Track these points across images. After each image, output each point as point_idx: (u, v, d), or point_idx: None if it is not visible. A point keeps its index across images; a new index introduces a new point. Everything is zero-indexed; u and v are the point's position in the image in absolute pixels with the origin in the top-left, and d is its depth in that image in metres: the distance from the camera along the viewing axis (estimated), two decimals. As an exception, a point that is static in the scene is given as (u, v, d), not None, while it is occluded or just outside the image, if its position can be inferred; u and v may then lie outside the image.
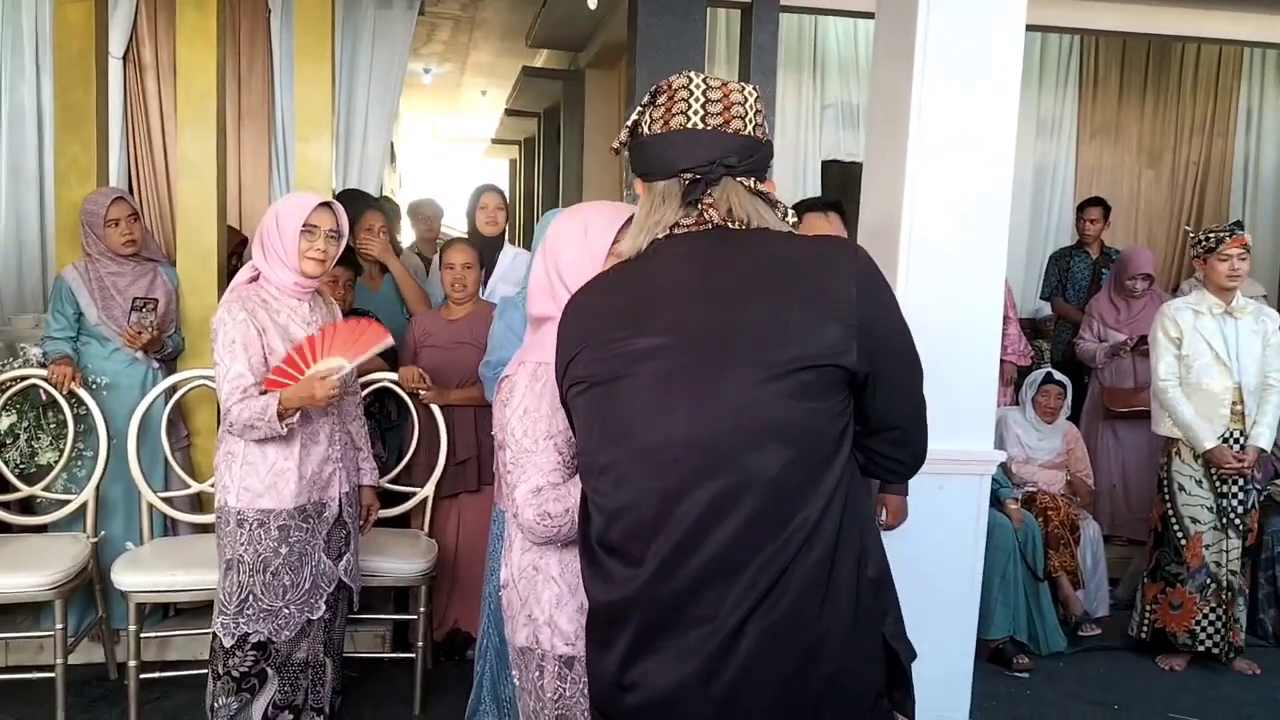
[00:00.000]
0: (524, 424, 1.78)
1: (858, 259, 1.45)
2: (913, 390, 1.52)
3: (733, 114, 1.50)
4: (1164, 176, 7.28)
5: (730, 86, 1.53)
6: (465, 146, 15.93)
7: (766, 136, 1.55)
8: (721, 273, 1.45)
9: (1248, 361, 3.98)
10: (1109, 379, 5.24)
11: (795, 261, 1.44)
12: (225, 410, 2.68)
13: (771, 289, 1.41)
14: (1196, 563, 3.98)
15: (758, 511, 1.36)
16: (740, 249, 1.47)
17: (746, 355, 1.38)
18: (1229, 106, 7.21)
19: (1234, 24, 6.30)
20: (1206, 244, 4.02)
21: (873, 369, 1.41)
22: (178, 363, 3.96)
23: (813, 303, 1.39)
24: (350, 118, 5.16)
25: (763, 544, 1.36)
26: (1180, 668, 4.08)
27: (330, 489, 2.88)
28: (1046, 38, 6.88)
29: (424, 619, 3.48)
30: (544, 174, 10.60)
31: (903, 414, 1.50)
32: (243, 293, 2.76)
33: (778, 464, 1.36)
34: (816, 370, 1.37)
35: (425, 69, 9.93)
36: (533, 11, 7.61)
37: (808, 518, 1.36)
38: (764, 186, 1.53)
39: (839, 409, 1.41)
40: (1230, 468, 3.92)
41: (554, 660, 1.84)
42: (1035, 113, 6.99)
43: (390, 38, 5.23)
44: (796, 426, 1.37)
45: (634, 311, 1.47)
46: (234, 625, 2.77)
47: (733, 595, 1.36)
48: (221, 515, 2.79)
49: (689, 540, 1.38)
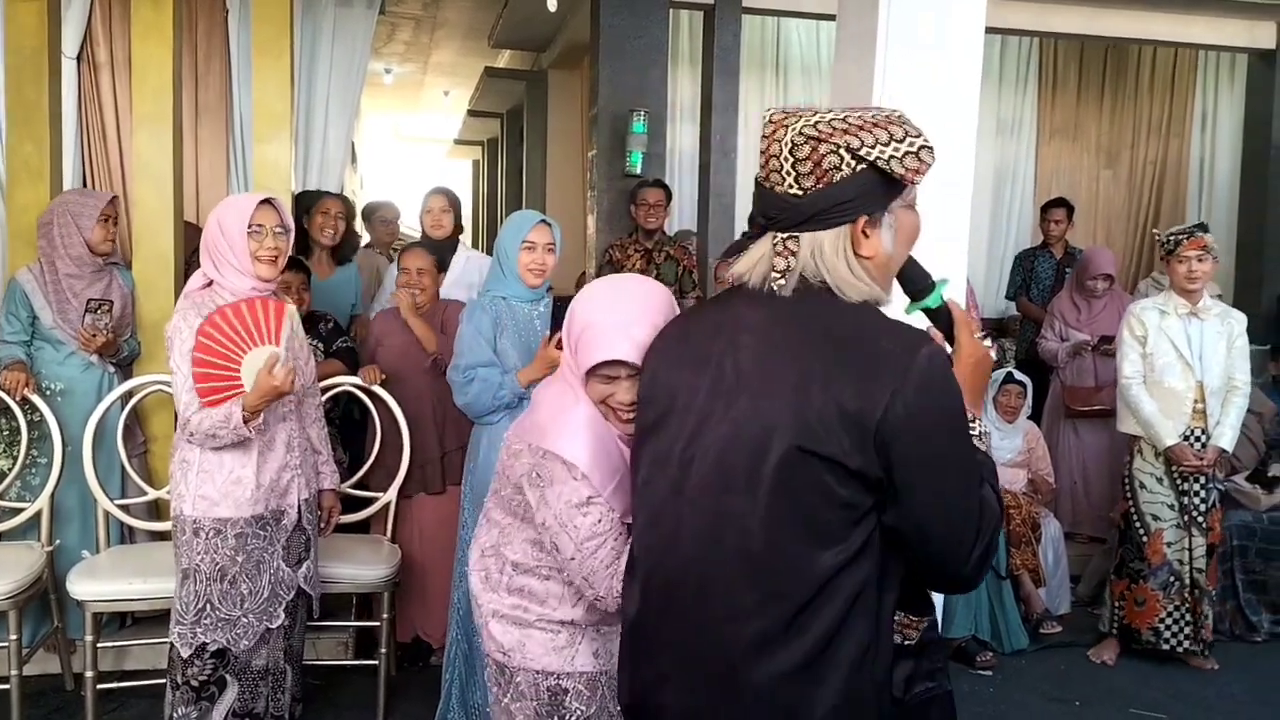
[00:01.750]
0: (588, 511, 1.72)
1: (915, 358, 1.35)
2: (933, 512, 1.38)
3: (770, 167, 1.46)
4: (1122, 176, 7.38)
5: (775, 135, 1.45)
6: (428, 147, 15.83)
7: (821, 185, 1.42)
8: (776, 339, 1.44)
9: (1211, 362, 4.03)
10: (1070, 378, 5.30)
11: (849, 347, 1.38)
12: (184, 420, 2.63)
13: (810, 372, 1.37)
14: (1158, 560, 4.03)
15: (737, 578, 1.40)
16: (803, 320, 1.43)
17: (762, 427, 1.38)
18: (1184, 108, 7.32)
19: (1184, 26, 6.42)
20: (1166, 246, 4.07)
21: (889, 478, 1.35)
22: (134, 368, 3.90)
23: (842, 395, 1.34)
24: (310, 117, 5.10)
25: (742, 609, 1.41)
26: (1111, 661, 4.14)
27: (289, 496, 2.83)
28: (1006, 40, 6.95)
29: (387, 625, 3.45)
30: (507, 175, 10.57)
31: (916, 525, 1.38)
32: (197, 299, 2.70)
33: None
34: (819, 459, 1.34)
35: (386, 69, 9.86)
36: (495, 12, 7.58)
37: (795, 599, 1.37)
38: (832, 235, 1.43)
39: (850, 502, 1.36)
40: (1190, 466, 3.97)
41: (492, 663, 1.90)
42: (996, 113, 7.06)
43: (350, 37, 5.17)
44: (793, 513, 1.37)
45: (701, 353, 1.51)
46: (191, 635, 2.72)
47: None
48: (177, 524, 2.74)
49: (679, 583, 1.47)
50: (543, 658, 1.82)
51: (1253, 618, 4.50)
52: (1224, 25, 6.45)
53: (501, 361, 3.00)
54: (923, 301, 1.58)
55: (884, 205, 1.44)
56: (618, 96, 5.59)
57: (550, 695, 1.82)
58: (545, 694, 1.81)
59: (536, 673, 1.82)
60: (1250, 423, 4.75)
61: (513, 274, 3.05)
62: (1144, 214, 7.35)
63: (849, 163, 1.40)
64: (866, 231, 1.43)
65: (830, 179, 1.40)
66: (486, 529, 1.94)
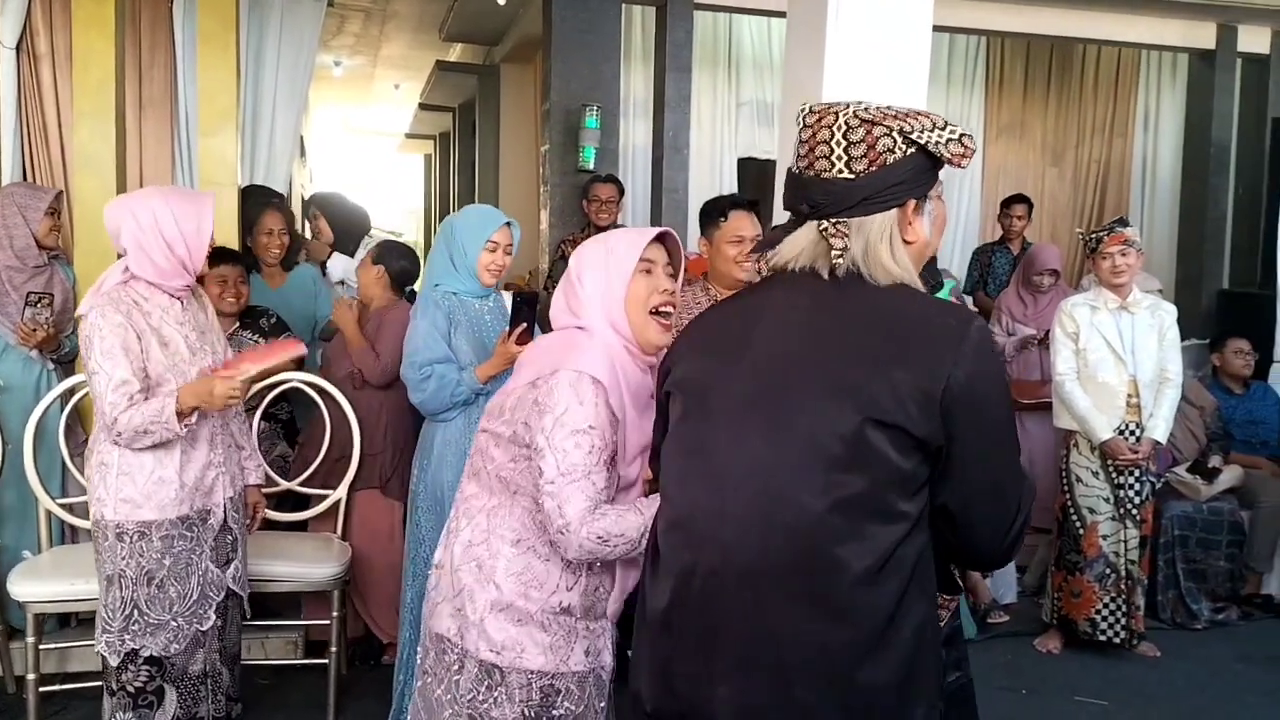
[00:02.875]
0: (580, 439, 1.75)
1: (969, 330, 1.42)
2: (983, 483, 1.45)
3: (818, 154, 1.48)
4: (1067, 175, 7.50)
5: (824, 121, 1.49)
6: (379, 140, 15.69)
7: (875, 167, 1.45)
8: (824, 322, 1.46)
9: (1143, 356, 4.11)
10: (1017, 372, 5.38)
11: (904, 323, 1.43)
12: (111, 419, 2.52)
13: (867, 349, 1.42)
14: (1094, 552, 4.11)
15: (792, 565, 1.40)
16: (849, 303, 1.46)
17: (821, 404, 1.41)
18: (1128, 107, 7.47)
19: (1127, 26, 6.54)
20: (1089, 244, 4.16)
21: (948, 449, 1.41)
22: (75, 365, 3.82)
23: (905, 367, 1.39)
24: (257, 110, 5.03)
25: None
26: (1056, 650, 4.22)
27: (214, 495, 2.76)
28: (954, 39, 7.04)
29: (337, 624, 3.41)
30: (460, 169, 10.51)
31: (964, 500, 1.45)
32: (114, 295, 2.60)
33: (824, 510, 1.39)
34: (886, 429, 1.38)
35: (336, 61, 9.75)
36: (446, 5, 7.52)
37: (857, 574, 1.38)
38: (881, 219, 1.47)
39: (913, 474, 1.41)
40: (1125, 459, 4.05)
41: (475, 663, 1.83)
42: (944, 112, 7.07)
43: (298, 28, 5.10)
44: (858, 481, 1.39)
45: (738, 340, 1.52)
46: (120, 643, 2.65)
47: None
48: (99, 529, 2.65)
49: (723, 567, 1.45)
50: (538, 657, 1.80)
51: (1193, 606, 4.61)
52: (1165, 25, 6.58)
53: (456, 358, 2.97)
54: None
55: (926, 191, 1.49)
56: (570, 91, 5.59)
57: (542, 696, 1.80)
58: (538, 694, 1.80)
59: (531, 673, 1.80)
60: (1191, 415, 4.87)
61: (468, 270, 2.99)
62: (1089, 212, 7.48)
63: (900, 145, 1.45)
64: (911, 217, 1.48)
65: (884, 161, 1.45)
66: (469, 523, 1.89)
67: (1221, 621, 4.62)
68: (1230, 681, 4.03)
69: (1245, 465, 4.91)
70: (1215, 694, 3.92)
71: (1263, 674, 4.11)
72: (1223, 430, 5.01)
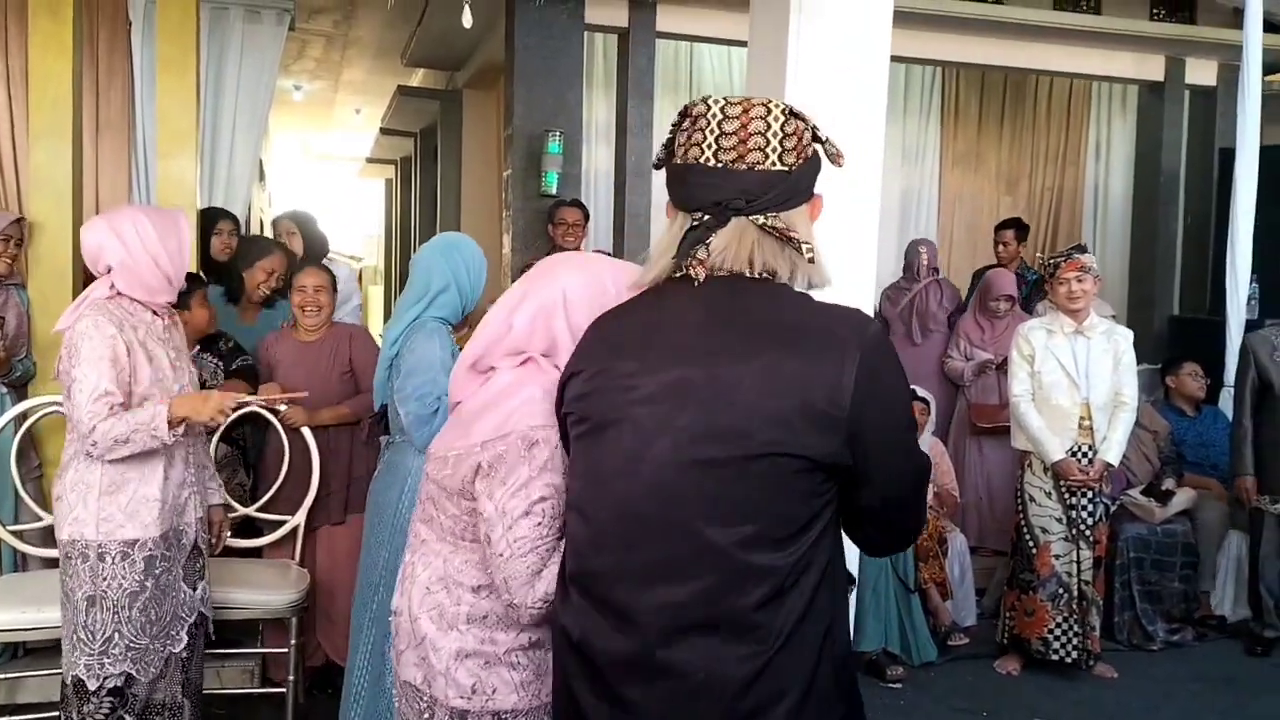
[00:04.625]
0: (533, 511, 1.63)
1: (864, 339, 1.37)
2: (897, 482, 1.44)
3: (750, 145, 1.41)
4: (1021, 203, 7.62)
5: (752, 114, 1.43)
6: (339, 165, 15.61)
7: (801, 160, 1.43)
8: (716, 332, 1.40)
9: (1096, 380, 4.18)
10: (975, 395, 5.45)
11: (796, 331, 1.38)
12: (88, 428, 2.50)
13: (760, 359, 1.36)
14: (1047, 571, 4.15)
15: (709, 583, 1.35)
16: (741, 308, 1.41)
17: (715, 429, 1.35)
18: (1080, 137, 7.62)
19: (1079, 58, 6.68)
20: (1047, 270, 4.24)
21: (855, 461, 1.37)
22: (28, 388, 3.75)
23: (800, 383, 1.33)
24: (216, 134, 4.99)
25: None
26: (1015, 672, 4.25)
27: (186, 514, 2.76)
28: (910, 70, 7.15)
29: (295, 652, 3.36)
30: (421, 195, 10.48)
31: (883, 498, 1.43)
32: (106, 307, 2.62)
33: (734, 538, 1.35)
34: (786, 458, 1.33)
35: (296, 85, 9.71)
36: (408, 30, 7.53)
37: (765, 596, 1.34)
38: (799, 213, 1.45)
39: (814, 491, 1.37)
40: (1076, 480, 4.10)
41: (445, 710, 1.75)
42: (901, 142, 7.25)
43: (259, 53, 5.08)
44: (758, 506, 1.35)
45: (634, 352, 1.45)
46: (99, 665, 2.60)
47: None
48: (74, 550, 2.60)
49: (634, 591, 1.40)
50: (509, 697, 1.72)
51: (1149, 627, 4.66)
52: (1115, 58, 6.74)
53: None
54: None
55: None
56: (533, 117, 5.61)
57: None
58: None
59: (505, 713, 1.72)
60: (1145, 439, 4.95)
61: (472, 303, 2.95)
62: (1042, 239, 7.60)
63: (810, 142, 1.45)
64: (814, 214, 1.48)
65: (806, 154, 1.44)
66: (425, 569, 1.80)
67: (1177, 643, 4.68)
68: (1186, 702, 4.08)
69: (1197, 488, 5.00)
70: (1171, 714, 3.96)
71: (1217, 695, 4.16)
72: (1176, 453, 5.10)
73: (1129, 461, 4.72)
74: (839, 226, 3.39)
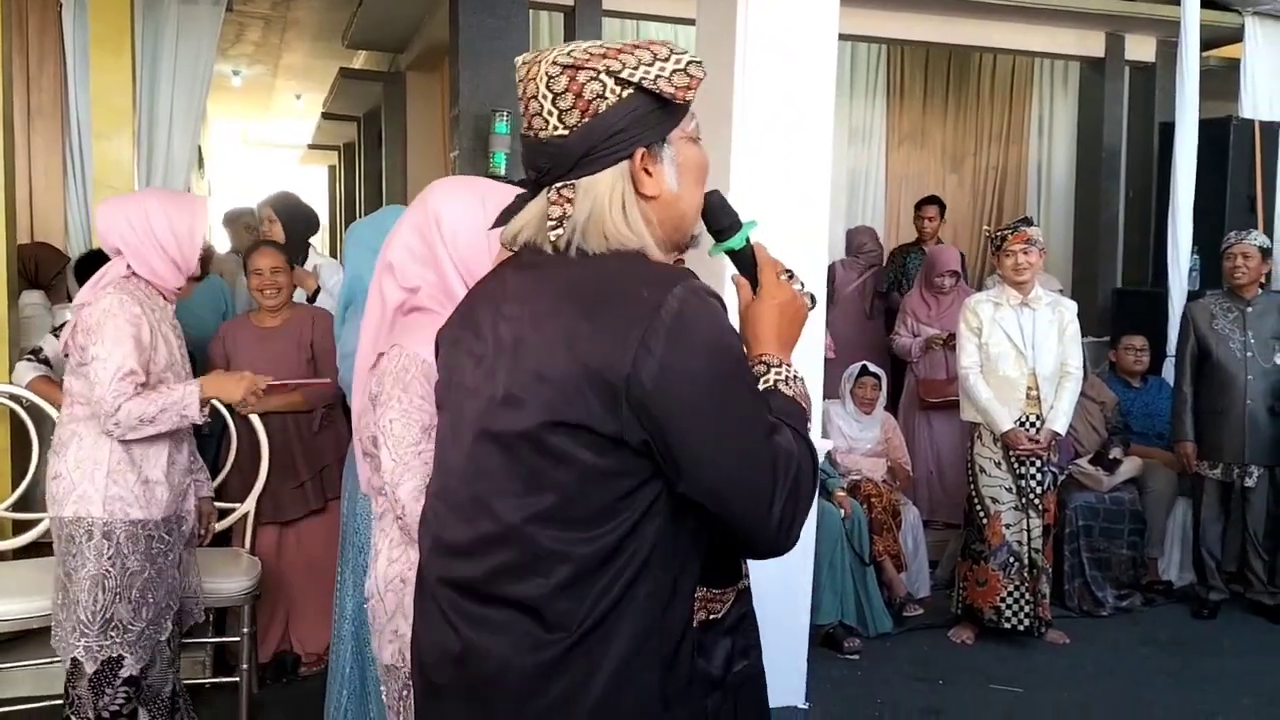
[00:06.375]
0: (401, 420, 1.71)
1: (664, 302, 1.23)
2: (719, 471, 1.25)
3: (531, 110, 1.31)
4: (966, 180, 7.71)
5: (531, 73, 1.31)
6: (280, 152, 15.34)
7: (589, 117, 1.28)
8: (530, 300, 1.32)
9: (1043, 350, 4.24)
10: (923, 371, 5.50)
11: (599, 296, 1.27)
12: (112, 407, 2.49)
13: (556, 324, 1.27)
14: (998, 540, 4.21)
15: (501, 560, 1.30)
16: (550, 277, 1.32)
17: (507, 398, 1.30)
18: (1023, 115, 7.71)
19: (1022, 35, 6.73)
20: (995, 242, 4.30)
21: (653, 442, 1.24)
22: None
23: (585, 348, 1.23)
24: (153, 118, 4.87)
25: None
26: (970, 641, 4.31)
27: (187, 500, 2.80)
28: (856, 48, 7.18)
29: (249, 640, 3.31)
30: (366, 179, 10.34)
31: (709, 494, 1.27)
32: (127, 286, 2.61)
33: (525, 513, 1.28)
34: (568, 428, 1.24)
35: (234, 71, 9.51)
36: (349, 11, 7.39)
37: (563, 580, 1.26)
38: (612, 174, 1.30)
39: (616, 470, 1.25)
40: (1024, 449, 4.17)
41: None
42: (848, 121, 7.28)
43: (195, 35, 4.96)
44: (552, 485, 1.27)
45: (474, 321, 1.41)
46: (98, 648, 2.57)
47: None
48: (78, 529, 2.57)
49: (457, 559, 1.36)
50: None
51: (1098, 594, 4.75)
52: (1058, 34, 6.80)
53: None
54: (726, 243, 1.46)
55: (661, 135, 1.31)
56: (479, 97, 5.54)
57: None
58: None
59: None
60: (1092, 410, 5.03)
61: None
62: (988, 216, 7.69)
63: (613, 89, 1.27)
64: (648, 168, 1.31)
65: (595, 109, 1.27)
66: (385, 539, 1.81)
67: (1126, 608, 4.77)
68: (1136, 665, 4.17)
69: (1143, 456, 5.09)
70: (1123, 677, 4.05)
71: (1166, 657, 4.26)
72: (1122, 423, 5.19)
73: (1076, 432, 4.80)
74: (791, 204, 3.41)
